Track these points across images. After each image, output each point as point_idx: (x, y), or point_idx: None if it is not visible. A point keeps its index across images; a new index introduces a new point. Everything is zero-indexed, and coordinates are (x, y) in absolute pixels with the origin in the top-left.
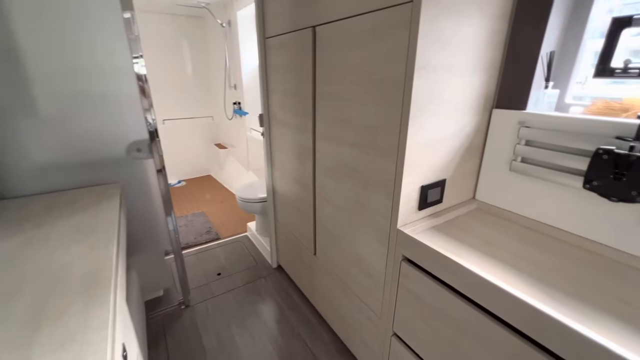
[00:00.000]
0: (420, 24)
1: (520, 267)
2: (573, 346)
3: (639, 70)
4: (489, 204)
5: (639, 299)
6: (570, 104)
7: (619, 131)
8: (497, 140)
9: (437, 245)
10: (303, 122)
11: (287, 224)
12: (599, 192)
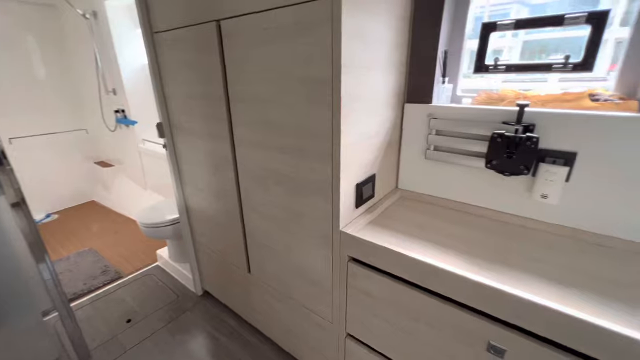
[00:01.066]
0: (343, 20)
1: (451, 245)
2: (510, 307)
3: (505, 66)
4: (410, 191)
5: (545, 255)
6: (461, 96)
7: (504, 117)
8: (411, 132)
9: (379, 239)
10: (217, 128)
11: (210, 244)
12: (497, 169)
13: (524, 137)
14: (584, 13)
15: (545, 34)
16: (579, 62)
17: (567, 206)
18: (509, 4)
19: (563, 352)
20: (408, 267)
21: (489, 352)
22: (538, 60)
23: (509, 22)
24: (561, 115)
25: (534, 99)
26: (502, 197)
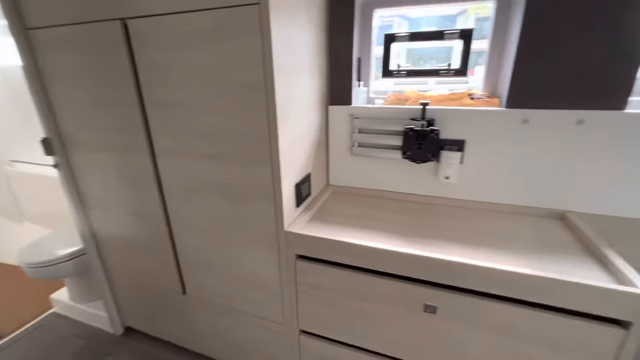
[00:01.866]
0: (272, 26)
1: (383, 228)
2: (435, 270)
3: (406, 72)
4: (341, 186)
5: (457, 225)
6: (374, 97)
7: (411, 114)
8: (337, 131)
9: (323, 233)
10: (129, 139)
11: (132, 272)
12: (411, 159)
13: (429, 130)
14: (457, 30)
15: (423, 44)
16: (458, 68)
17: (463, 183)
18: (392, 17)
19: (478, 296)
20: (352, 253)
21: (425, 312)
22: (428, 66)
23: (405, 35)
24: (452, 111)
25: (431, 98)
26: (417, 181)
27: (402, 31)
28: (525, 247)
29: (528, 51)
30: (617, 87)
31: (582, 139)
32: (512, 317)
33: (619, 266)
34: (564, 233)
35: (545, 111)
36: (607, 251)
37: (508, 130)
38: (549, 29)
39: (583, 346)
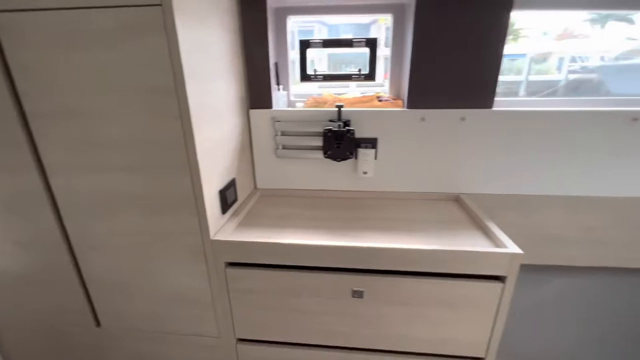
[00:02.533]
0: (178, 29)
1: (311, 225)
2: (359, 257)
3: (322, 76)
4: (269, 189)
5: (375, 214)
6: (295, 101)
7: (329, 116)
8: (260, 135)
9: (252, 237)
10: (7, 157)
11: (25, 312)
12: (332, 157)
13: (346, 131)
14: (364, 39)
15: (343, 49)
16: (367, 73)
17: (379, 176)
18: (312, 23)
19: (396, 275)
20: (280, 253)
21: (354, 297)
22: (343, 71)
23: (319, 41)
24: (364, 112)
25: (346, 101)
26: (339, 178)
27: (316, 37)
28: (429, 227)
29: (419, 60)
30: (485, 91)
31: (465, 132)
32: (422, 287)
33: (496, 234)
34: (459, 212)
35: (437, 110)
36: (488, 223)
37: (410, 127)
38: (434, 43)
39: (475, 301)
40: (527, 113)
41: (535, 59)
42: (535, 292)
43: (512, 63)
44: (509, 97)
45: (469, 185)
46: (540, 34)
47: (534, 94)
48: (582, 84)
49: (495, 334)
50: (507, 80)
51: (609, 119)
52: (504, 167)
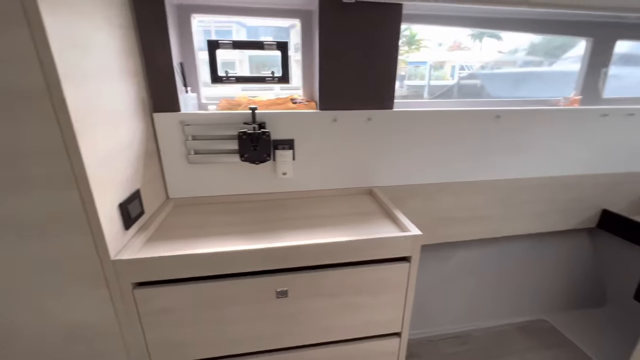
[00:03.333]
0: (45, 21)
1: (231, 231)
2: (280, 257)
3: (235, 78)
4: (183, 198)
5: (296, 214)
6: (207, 103)
7: (244, 119)
8: (167, 140)
9: (164, 252)
10: None
11: None
12: (249, 160)
13: (261, 133)
14: (275, 42)
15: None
16: (280, 76)
17: (298, 176)
18: (230, 23)
19: (317, 270)
20: (196, 264)
21: (279, 298)
22: (257, 74)
23: (228, 42)
24: (279, 114)
25: (260, 103)
26: (259, 181)
27: (225, 39)
28: (346, 221)
29: (326, 65)
30: (386, 93)
31: (372, 131)
32: (341, 278)
33: (402, 220)
34: (372, 204)
35: (347, 111)
36: (396, 212)
37: (324, 128)
38: (338, 50)
39: (388, 283)
40: (420, 113)
41: (434, 67)
42: (443, 264)
43: (417, 69)
44: (416, 99)
45: (380, 179)
46: (436, 45)
47: (441, 95)
48: (468, 87)
49: (407, 308)
50: (414, 84)
51: (480, 117)
52: (406, 161)
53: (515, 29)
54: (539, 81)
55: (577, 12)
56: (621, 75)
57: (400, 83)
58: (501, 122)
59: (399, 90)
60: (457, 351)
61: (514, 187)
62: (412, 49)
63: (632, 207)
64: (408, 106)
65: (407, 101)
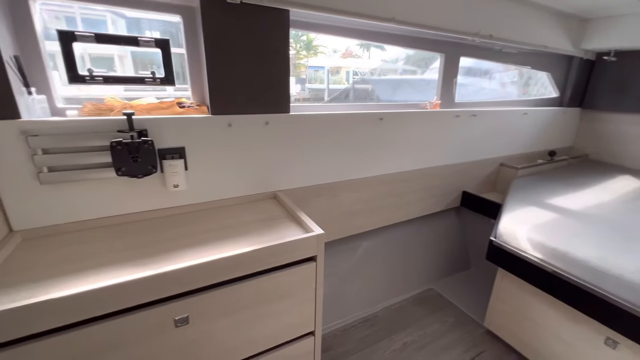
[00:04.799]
0: None
1: (113, 259)
2: (175, 281)
3: (102, 77)
4: (37, 228)
5: (193, 229)
6: (64, 108)
7: (118, 126)
8: (3, 157)
9: (4, 303)
10: None
11: None
12: (128, 175)
13: (141, 141)
14: (152, 38)
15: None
16: (163, 77)
17: (194, 188)
18: (104, 12)
19: (222, 287)
20: (59, 311)
21: (178, 327)
22: (135, 73)
23: (89, 35)
24: (163, 120)
25: (139, 107)
26: (144, 197)
27: (85, 30)
28: (251, 229)
29: (215, 67)
30: (282, 97)
31: (271, 135)
32: (249, 290)
33: (306, 221)
34: (277, 208)
35: (243, 116)
36: (300, 214)
37: (219, 133)
38: (226, 51)
39: (297, 285)
40: (315, 116)
41: (332, 71)
42: (351, 255)
43: (317, 74)
44: (317, 102)
45: (284, 182)
46: (332, 52)
47: (334, 99)
48: (361, 91)
49: (318, 306)
50: (315, 88)
51: (367, 119)
52: (307, 163)
53: (390, 42)
54: (413, 87)
55: (431, 32)
56: (467, 84)
57: (303, 86)
58: (384, 124)
59: (301, 93)
60: (367, 334)
61: (397, 179)
62: (310, 53)
63: (481, 187)
64: (305, 109)
65: (304, 105)
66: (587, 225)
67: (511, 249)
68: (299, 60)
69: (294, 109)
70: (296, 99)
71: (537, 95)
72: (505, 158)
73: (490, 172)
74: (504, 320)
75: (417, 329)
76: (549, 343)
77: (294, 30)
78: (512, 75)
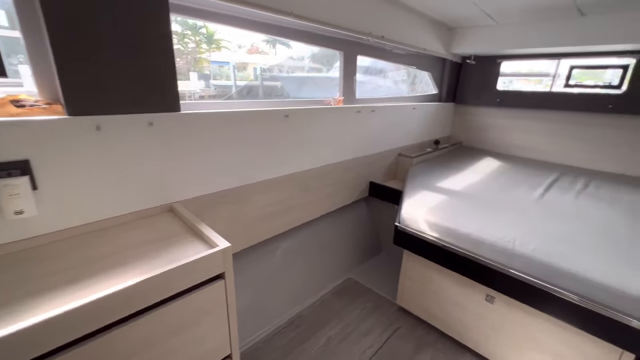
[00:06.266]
0: None
1: None
2: (50, 332)
3: None
4: None
5: (51, 268)
6: None
7: None
8: None
9: None
10: None
11: None
12: None
13: None
14: None
15: None
16: None
17: (52, 211)
18: None
19: (110, 330)
20: None
21: None
22: None
23: None
24: None
25: None
26: None
27: None
28: (142, 253)
29: (66, 55)
30: (168, 94)
31: (157, 138)
32: (147, 327)
33: (209, 235)
34: (175, 222)
35: (117, 116)
36: (202, 227)
37: (84, 139)
38: (81, 38)
39: (206, 308)
40: (212, 115)
41: (238, 68)
42: (270, 259)
43: (222, 70)
44: (227, 99)
45: (181, 192)
46: (236, 47)
47: (244, 96)
48: (271, 88)
49: (232, 326)
50: (222, 85)
51: (272, 116)
52: (207, 167)
53: (291, 37)
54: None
55: (329, 29)
56: (366, 82)
57: (207, 82)
58: (290, 121)
59: (206, 90)
60: (292, 337)
61: (309, 177)
62: (212, 47)
63: (385, 176)
64: (202, 107)
65: (201, 102)
66: (467, 203)
67: (413, 231)
68: (200, 54)
69: (188, 107)
70: (200, 96)
71: (422, 92)
72: (402, 148)
73: (391, 162)
74: (412, 295)
75: (339, 320)
76: (448, 308)
77: (180, 16)
78: (402, 74)
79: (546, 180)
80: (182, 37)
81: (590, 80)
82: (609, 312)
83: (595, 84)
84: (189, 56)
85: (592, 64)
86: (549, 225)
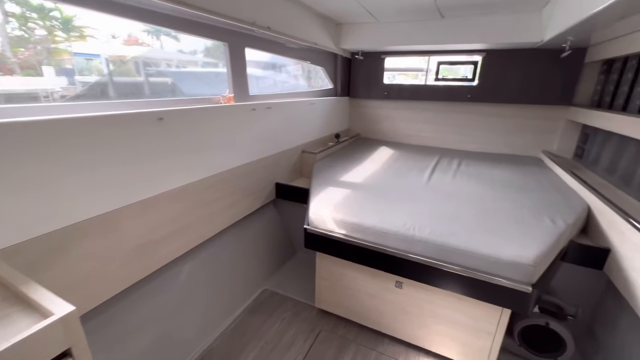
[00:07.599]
0: None
1: None
2: None
3: None
4: None
5: None
6: None
7: None
8: None
9: None
10: None
11: None
12: None
13: None
14: None
15: None
16: None
17: None
18: None
19: None
20: None
21: None
22: None
23: None
24: None
25: None
26: None
27: None
28: None
29: None
30: None
31: None
32: None
33: (40, 298)
34: None
35: None
36: (30, 288)
37: None
38: None
39: None
40: (55, 122)
41: (115, 62)
42: (174, 286)
43: (91, 64)
44: (100, 99)
45: (5, 234)
46: (109, 37)
47: (124, 95)
48: (160, 85)
49: None
50: (89, 81)
51: (140, 120)
52: (48, 194)
53: (165, 25)
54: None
55: (209, 17)
56: (265, 77)
57: (71, 79)
58: (165, 124)
59: (70, 88)
60: None
61: (203, 187)
62: (72, 36)
63: (290, 176)
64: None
65: (25, 106)
66: (368, 194)
67: (322, 232)
68: (55, 44)
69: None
70: (61, 95)
71: (319, 87)
72: (305, 145)
73: (296, 161)
74: (329, 296)
75: (258, 340)
76: (363, 301)
77: None
78: (298, 69)
79: (430, 163)
80: (25, 20)
81: (450, 75)
82: (487, 277)
83: (454, 78)
84: (37, 46)
85: (453, 60)
86: (439, 206)
